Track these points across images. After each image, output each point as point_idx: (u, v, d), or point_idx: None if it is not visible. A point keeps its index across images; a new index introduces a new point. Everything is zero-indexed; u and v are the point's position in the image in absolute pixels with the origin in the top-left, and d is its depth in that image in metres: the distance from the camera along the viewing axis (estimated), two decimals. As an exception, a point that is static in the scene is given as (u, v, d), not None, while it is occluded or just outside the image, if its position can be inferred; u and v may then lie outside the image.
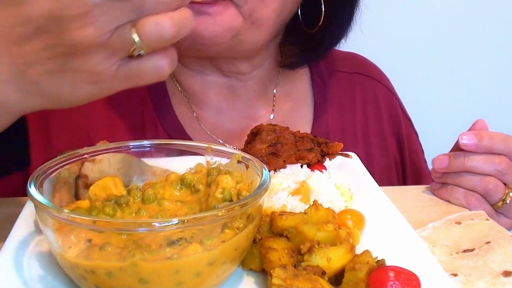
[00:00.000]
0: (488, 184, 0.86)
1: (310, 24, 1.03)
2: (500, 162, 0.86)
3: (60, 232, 0.58)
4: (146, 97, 1.05)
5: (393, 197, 0.79)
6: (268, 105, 1.11)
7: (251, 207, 0.59)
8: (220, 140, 1.05)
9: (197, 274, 0.56)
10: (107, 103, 1.04)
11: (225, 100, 1.08)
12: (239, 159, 0.70)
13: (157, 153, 0.76)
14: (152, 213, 0.64)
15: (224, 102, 1.08)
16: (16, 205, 0.76)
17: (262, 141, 0.84)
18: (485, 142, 0.85)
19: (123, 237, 0.57)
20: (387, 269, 0.58)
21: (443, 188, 0.90)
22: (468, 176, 0.87)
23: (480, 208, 0.86)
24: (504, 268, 0.68)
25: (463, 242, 0.75)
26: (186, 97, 1.07)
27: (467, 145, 0.85)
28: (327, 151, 0.86)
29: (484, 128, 0.89)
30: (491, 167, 0.86)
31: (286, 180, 0.78)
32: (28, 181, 0.61)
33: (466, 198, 0.87)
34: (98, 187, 0.67)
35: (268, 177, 0.64)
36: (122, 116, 1.04)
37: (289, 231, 0.64)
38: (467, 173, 0.87)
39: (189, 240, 0.56)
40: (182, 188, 0.68)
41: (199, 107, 1.07)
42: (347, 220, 0.71)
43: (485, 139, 0.85)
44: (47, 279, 0.62)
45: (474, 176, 0.87)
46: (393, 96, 1.20)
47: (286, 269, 0.57)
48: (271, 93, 1.12)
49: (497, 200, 0.88)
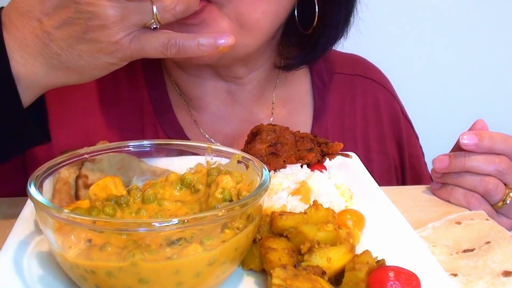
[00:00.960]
0: (488, 184, 0.86)
1: (306, 25, 1.03)
2: (501, 162, 0.86)
3: (60, 232, 0.58)
4: (146, 99, 1.05)
5: (393, 197, 0.79)
6: (267, 109, 1.10)
7: (251, 207, 0.59)
8: (219, 144, 1.04)
9: (197, 274, 0.56)
10: (108, 104, 1.05)
11: (224, 104, 1.08)
12: (239, 159, 0.70)
13: (157, 153, 0.76)
14: (152, 213, 0.64)
15: (222, 106, 1.07)
16: (16, 205, 0.76)
17: (262, 141, 0.84)
18: (486, 142, 0.85)
19: (123, 237, 0.57)
20: (387, 269, 0.58)
21: (443, 188, 0.90)
22: (468, 176, 0.87)
23: (480, 208, 0.86)
24: (504, 268, 0.68)
25: (463, 242, 0.75)
26: (185, 101, 1.07)
27: (468, 145, 0.85)
28: (327, 151, 0.86)
29: (485, 128, 0.89)
30: (491, 167, 0.86)
31: (286, 180, 0.78)
32: (28, 181, 0.61)
33: (466, 198, 0.87)
34: (98, 187, 0.67)
35: (268, 177, 0.64)
36: (122, 118, 1.04)
37: (289, 231, 0.64)
38: (467, 173, 0.87)
39: (189, 240, 0.56)
40: (182, 188, 0.68)
41: (198, 111, 1.07)
42: (347, 220, 0.71)
43: (485, 139, 0.85)
44: (47, 279, 0.62)
45: (474, 176, 0.87)
46: (394, 99, 1.19)
47: (286, 269, 0.57)
48: (270, 97, 1.11)
49: (497, 200, 0.88)
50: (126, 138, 1.00)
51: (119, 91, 1.06)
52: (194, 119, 1.06)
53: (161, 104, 1.05)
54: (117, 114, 1.04)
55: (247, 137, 0.89)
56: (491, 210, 0.88)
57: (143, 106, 1.05)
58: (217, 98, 1.07)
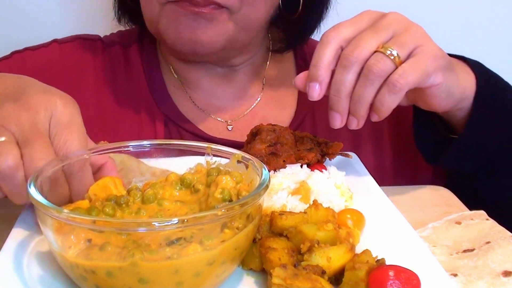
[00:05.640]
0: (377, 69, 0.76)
1: (291, 11, 1.07)
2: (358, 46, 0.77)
3: (60, 232, 0.58)
4: (142, 79, 1.11)
5: (393, 197, 0.79)
6: (258, 85, 1.15)
7: (250, 207, 0.59)
8: (212, 115, 1.10)
9: (196, 274, 0.56)
10: (111, 94, 1.09)
11: (218, 85, 1.12)
12: (239, 159, 0.70)
13: (157, 153, 0.76)
14: (152, 213, 0.64)
15: (215, 85, 1.12)
16: (15, 205, 0.76)
17: (262, 141, 0.85)
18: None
19: (123, 237, 0.57)
20: (387, 269, 0.58)
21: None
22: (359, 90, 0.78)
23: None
24: (504, 268, 0.68)
25: (463, 242, 0.75)
26: (180, 81, 1.12)
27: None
28: (327, 151, 0.86)
29: None
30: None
31: (286, 180, 0.78)
32: (28, 181, 0.61)
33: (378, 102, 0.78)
34: (98, 187, 0.67)
35: (267, 176, 0.63)
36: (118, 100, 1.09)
37: (289, 231, 0.64)
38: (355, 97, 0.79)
39: (189, 240, 0.56)
40: (182, 188, 0.68)
41: (193, 90, 1.12)
42: (347, 219, 0.71)
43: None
44: (47, 279, 0.62)
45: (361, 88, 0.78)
46: None
47: (286, 269, 0.57)
48: (262, 76, 1.16)
49: (390, 65, 0.76)
50: (121, 115, 1.07)
51: (116, 76, 1.11)
52: (189, 96, 1.11)
53: (156, 84, 1.10)
54: (117, 99, 1.09)
55: (247, 137, 0.90)
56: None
57: (139, 88, 1.10)
58: (211, 80, 1.12)
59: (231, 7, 0.93)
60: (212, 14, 0.92)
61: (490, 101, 0.89)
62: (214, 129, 1.09)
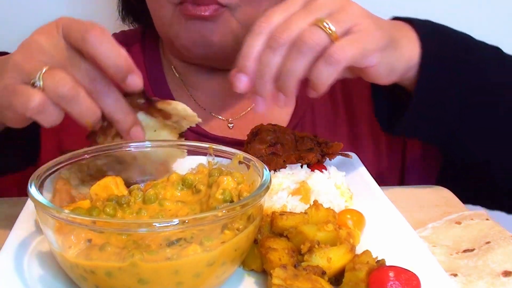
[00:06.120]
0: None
1: None
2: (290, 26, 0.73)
3: (60, 232, 0.58)
4: (145, 80, 1.09)
5: (393, 197, 0.79)
6: None
7: (251, 208, 0.59)
8: (213, 113, 1.09)
9: (196, 274, 0.56)
10: None
11: (218, 83, 1.11)
12: (241, 159, 0.70)
13: (158, 153, 0.76)
14: (153, 213, 0.64)
15: (217, 84, 1.11)
16: (16, 205, 0.76)
17: (262, 141, 0.84)
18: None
19: (123, 237, 0.57)
20: (387, 269, 0.58)
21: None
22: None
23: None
24: (504, 268, 0.68)
25: (463, 242, 0.75)
26: (182, 80, 1.12)
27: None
28: (327, 151, 0.86)
29: None
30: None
31: (286, 180, 0.78)
32: (28, 181, 0.61)
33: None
34: (99, 187, 0.67)
35: (269, 177, 0.63)
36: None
37: (289, 231, 0.64)
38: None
39: (189, 241, 0.56)
40: (183, 189, 0.68)
41: (194, 89, 1.12)
42: (347, 220, 0.71)
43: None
44: (47, 279, 0.62)
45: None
46: None
47: (286, 269, 0.57)
48: None
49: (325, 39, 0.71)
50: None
51: None
52: (190, 94, 1.11)
53: (158, 83, 1.10)
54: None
55: (247, 137, 0.90)
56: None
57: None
58: (213, 79, 1.11)
59: (229, 4, 0.93)
60: (215, 15, 0.93)
61: (441, 62, 0.85)
62: (215, 127, 1.09)
